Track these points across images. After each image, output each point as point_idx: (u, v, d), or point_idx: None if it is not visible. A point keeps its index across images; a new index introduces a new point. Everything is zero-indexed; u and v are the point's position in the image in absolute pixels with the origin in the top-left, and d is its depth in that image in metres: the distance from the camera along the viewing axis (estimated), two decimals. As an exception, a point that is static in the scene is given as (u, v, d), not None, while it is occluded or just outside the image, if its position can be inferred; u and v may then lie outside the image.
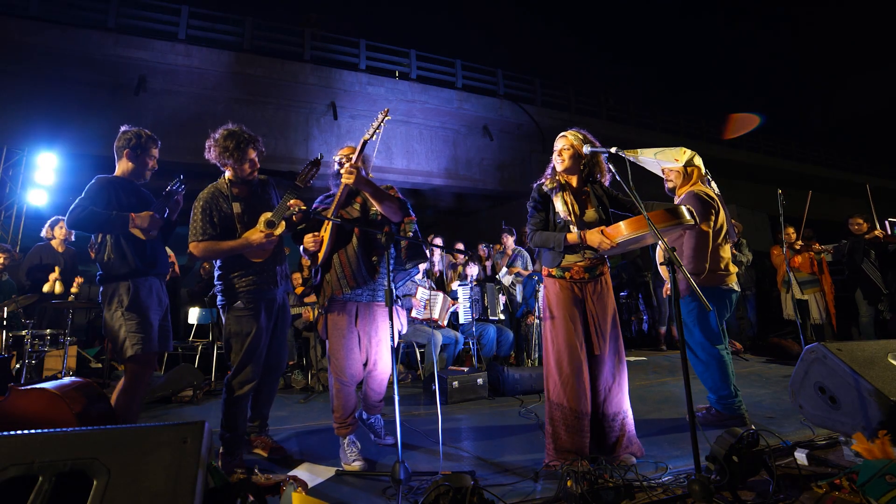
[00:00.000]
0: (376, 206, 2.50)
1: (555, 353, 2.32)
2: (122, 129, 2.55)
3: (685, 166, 3.06)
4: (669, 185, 3.18)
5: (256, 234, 2.40)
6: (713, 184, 3.14)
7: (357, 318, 2.50)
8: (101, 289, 2.44)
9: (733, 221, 3.37)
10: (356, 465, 2.35)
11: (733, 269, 3.03)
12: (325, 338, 2.54)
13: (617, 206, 2.53)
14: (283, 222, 2.47)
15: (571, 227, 2.35)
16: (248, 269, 2.43)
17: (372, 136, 2.44)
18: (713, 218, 2.92)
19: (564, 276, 2.38)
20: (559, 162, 2.46)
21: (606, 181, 2.54)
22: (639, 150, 2.48)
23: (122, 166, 2.55)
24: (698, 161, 3.09)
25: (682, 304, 2.95)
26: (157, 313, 2.50)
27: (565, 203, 2.38)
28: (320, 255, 2.46)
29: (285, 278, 2.64)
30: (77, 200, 2.36)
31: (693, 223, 2.19)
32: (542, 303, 2.47)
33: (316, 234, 2.48)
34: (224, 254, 2.41)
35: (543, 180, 2.51)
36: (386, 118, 2.43)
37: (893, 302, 5.27)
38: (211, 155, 2.45)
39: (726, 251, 3.03)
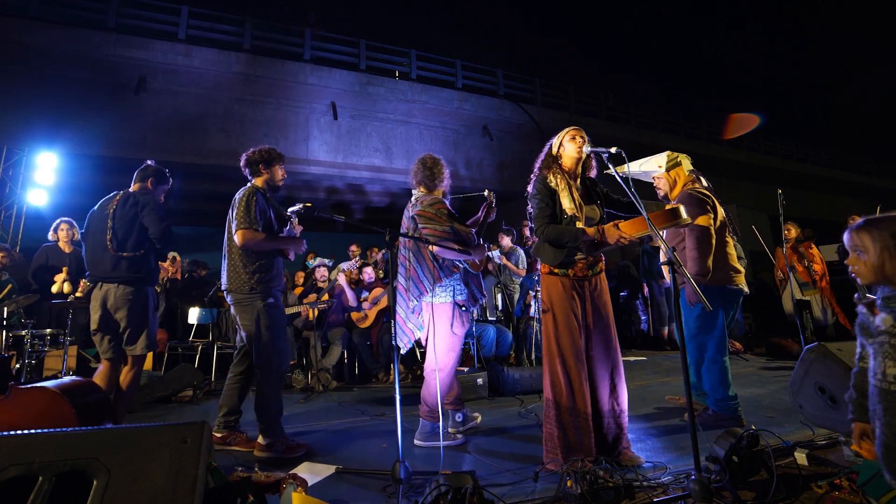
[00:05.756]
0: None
1: (559, 353, 2.28)
2: (148, 162, 3.15)
3: (668, 171, 3.02)
4: (660, 193, 3.14)
5: (297, 240, 2.83)
6: (703, 180, 3.09)
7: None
8: (137, 288, 2.84)
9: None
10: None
11: (741, 267, 2.95)
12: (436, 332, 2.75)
13: (610, 204, 2.53)
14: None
15: (578, 223, 2.33)
16: (275, 268, 2.74)
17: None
18: (711, 215, 2.84)
19: (568, 273, 2.34)
20: (573, 152, 2.39)
21: (593, 174, 2.54)
22: (624, 165, 2.44)
23: (147, 188, 3.07)
24: (684, 160, 3.03)
25: (688, 307, 2.92)
26: None
27: (572, 199, 2.35)
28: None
29: None
30: (156, 213, 2.87)
31: (690, 221, 2.21)
32: (543, 299, 2.41)
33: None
34: (268, 247, 2.68)
35: (545, 173, 2.42)
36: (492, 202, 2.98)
37: None
38: (253, 159, 2.81)
39: (731, 248, 2.96)
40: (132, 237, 2.84)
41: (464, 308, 2.75)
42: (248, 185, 2.79)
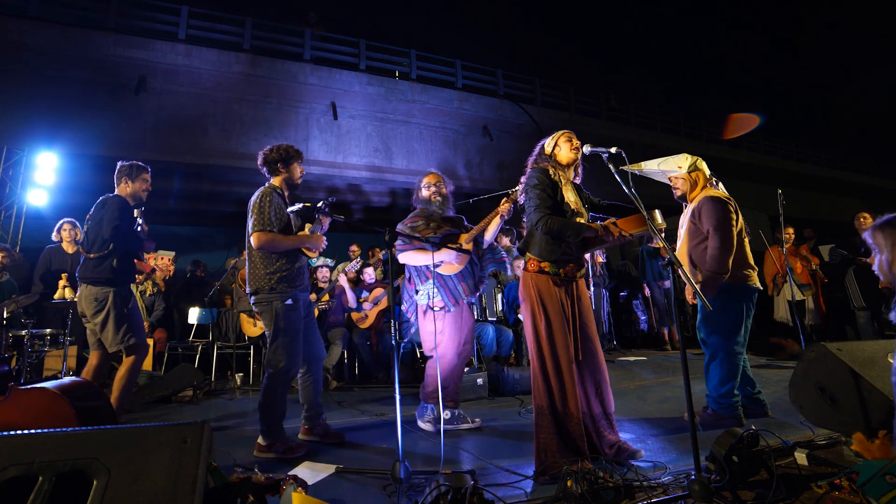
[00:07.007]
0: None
1: (552, 356, 2.22)
2: (120, 163, 3.24)
3: (689, 172, 3.06)
4: (677, 193, 3.16)
5: (317, 237, 2.77)
6: (720, 185, 3.15)
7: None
8: (100, 288, 2.89)
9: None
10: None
11: (755, 266, 3.04)
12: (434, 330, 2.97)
13: (593, 209, 2.55)
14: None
15: (579, 219, 2.32)
16: (296, 267, 2.72)
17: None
18: (734, 219, 2.92)
19: (559, 272, 2.31)
20: (569, 153, 2.40)
21: (578, 181, 2.55)
22: (641, 162, 2.45)
23: (124, 189, 3.16)
24: (702, 165, 3.09)
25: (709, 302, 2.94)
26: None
27: (576, 195, 2.37)
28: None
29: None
30: (112, 212, 2.94)
31: (665, 227, 2.24)
32: (529, 299, 2.30)
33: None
34: (286, 247, 2.66)
35: (545, 165, 2.40)
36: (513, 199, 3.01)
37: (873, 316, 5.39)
38: (270, 158, 2.79)
39: (747, 248, 3.05)
40: (98, 238, 2.93)
41: (441, 308, 3.00)
42: (266, 185, 2.78)
